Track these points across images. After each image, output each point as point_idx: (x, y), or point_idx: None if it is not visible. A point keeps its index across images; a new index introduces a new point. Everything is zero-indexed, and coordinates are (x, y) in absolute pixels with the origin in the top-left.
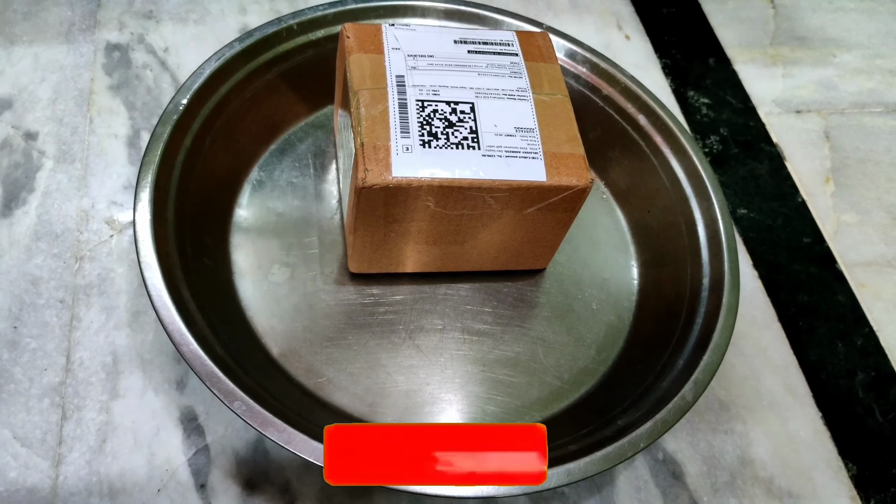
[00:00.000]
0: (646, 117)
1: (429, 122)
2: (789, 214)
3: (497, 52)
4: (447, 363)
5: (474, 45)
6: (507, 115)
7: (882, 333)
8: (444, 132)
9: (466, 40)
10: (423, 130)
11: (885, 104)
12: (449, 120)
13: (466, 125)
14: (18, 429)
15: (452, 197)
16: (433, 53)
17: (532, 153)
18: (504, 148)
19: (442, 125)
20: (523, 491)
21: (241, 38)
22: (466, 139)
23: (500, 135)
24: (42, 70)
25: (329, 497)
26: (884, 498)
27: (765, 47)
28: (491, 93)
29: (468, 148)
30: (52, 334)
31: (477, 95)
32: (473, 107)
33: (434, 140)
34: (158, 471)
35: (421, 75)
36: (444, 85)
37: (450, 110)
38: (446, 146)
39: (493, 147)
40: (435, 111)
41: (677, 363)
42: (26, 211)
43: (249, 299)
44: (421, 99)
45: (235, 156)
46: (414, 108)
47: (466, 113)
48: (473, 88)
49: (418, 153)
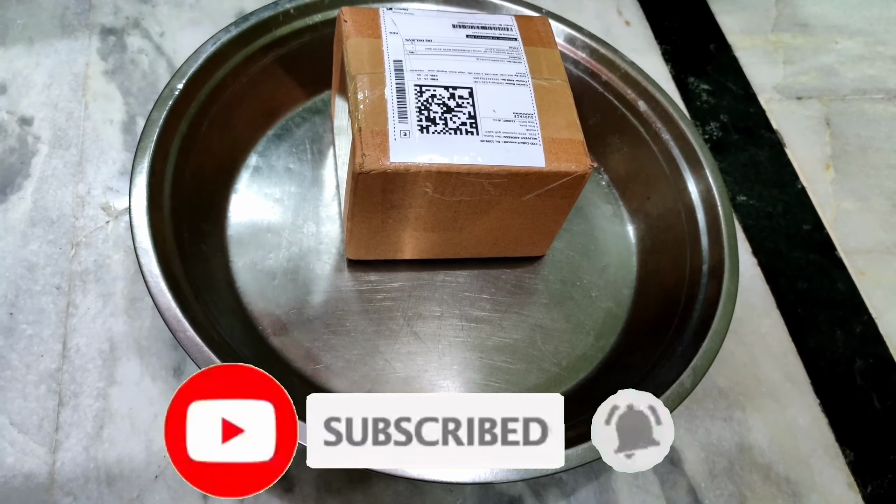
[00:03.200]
0: (645, 103)
1: (427, 107)
2: (789, 201)
3: (496, 36)
4: (445, 350)
5: (473, 29)
6: (505, 101)
7: (881, 321)
8: (443, 117)
9: (465, 24)
10: (421, 116)
11: (886, 91)
12: (447, 105)
13: (465, 110)
14: (15, 415)
15: (451, 183)
16: (431, 38)
17: (531, 139)
18: (503, 133)
19: (440, 110)
20: (521, 476)
21: (237, 23)
22: (465, 124)
23: (498, 120)
24: (37, 55)
25: (327, 483)
26: (881, 484)
27: (766, 34)
28: (490, 78)
29: (467, 133)
30: (48, 321)
31: (475, 80)
32: (472, 92)
33: (432, 125)
34: (156, 457)
35: (419, 60)
36: (442, 70)
37: (448, 95)
38: (445, 131)
39: (491, 132)
40: (433, 96)
41: (676, 350)
42: (22, 196)
43: (247, 285)
44: (419, 84)
45: (232, 141)
46: (412, 93)
47: (465, 98)
48: (472, 73)
49: (416, 138)
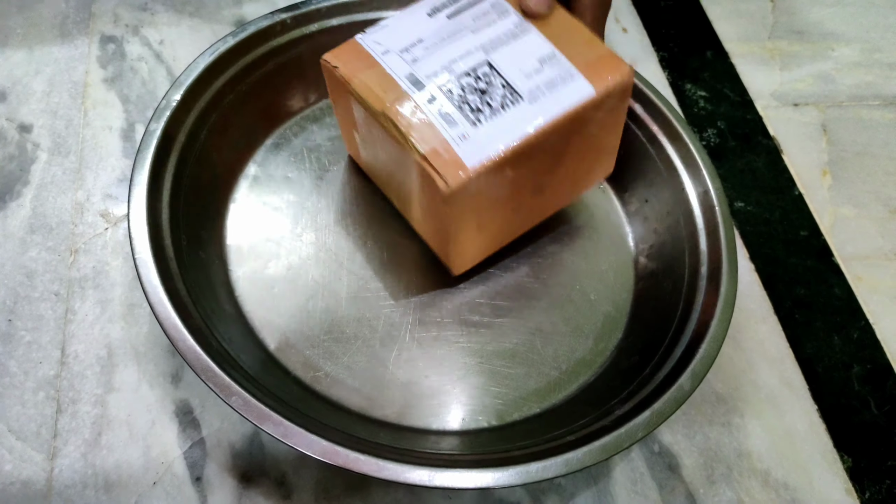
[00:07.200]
0: (643, 107)
1: (463, 100)
2: (786, 207)
3: (471, 3)
4: (445, 355)
5: (447, 8)
6: (523, 54)
7: (878, 326)
8: (484, 101)
9: (437, 8)
10: (463, 111)
11: (882, 97)
12: (479, 89)
13: (496, 83)
14: (13, 422)
15: (525, 155)
16: (420, 37)
17: (568, 74)
18: (542, 85)
19: (477, 97)
20: (520, 482)
21: (234, 33)
22: (505, 96)
23: (529, 75)
24: (36, 62)
25: (326, 490)
26: (879, 490)
27: (763, 41)
28: (495, 42)
29: (512, 104)
30: (46, 327)
31: (486, 52)
32: (490, 63)
33: (480, 114)
34: (154, 464)
35: (425, 63)
36: (452, 59)
37: (473, 80)
38: (493, 113)
39: (533, 90)
40: (463, 88)
41: (675, 354)
42: (21, 203)
43: (246, 293)
44: (442, 84)
45: (230, 150)
46: (443, 95)
47: (489, 73)
48: (479, 48)
49: (475, 134)
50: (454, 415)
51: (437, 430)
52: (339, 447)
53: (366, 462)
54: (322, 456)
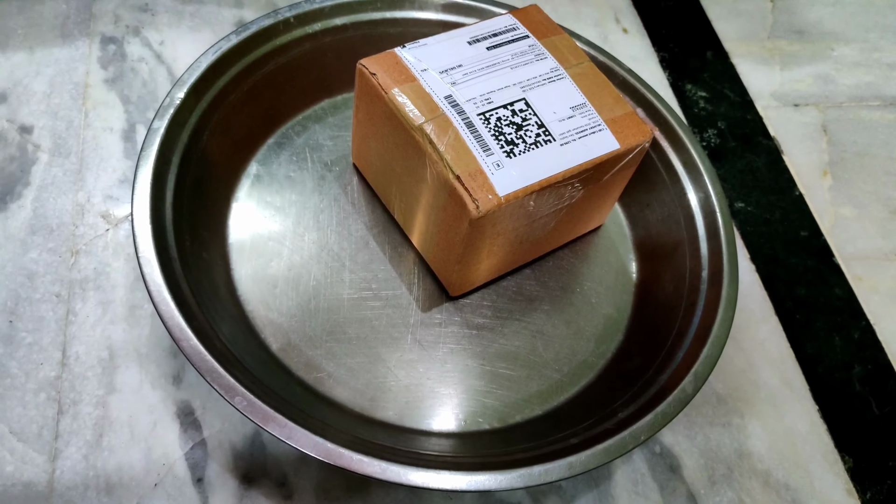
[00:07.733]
0: (644, 111)
1: (500, 131)
2: (787, 208)
3: (511, 39)
4: (447, 357)
5: (487, 40)
6: (557, 99)
7: (879, 326)
8: (519, 136)
9: (478, 38)
10: (499, 141)
11: (882, 98)
12: (515, 123)
13: (531, 122)
14: (14, 423)
15: (547, 193)
16: (461, 62)
17: (597, 126)
18: (573, 130)
19: (512, 130)
20: (523, 485)
21: (237, 31)
22: (539, 135)
23: (562, 120)
24: (37, 63)
25: (326, 491)
26: (880, 490)
27: (762, 41)
28: (532, 82)
29: (546, 143)
30: (47, 329)
31: (523, 90)
32: (527, 102)
33: (515, 147)
34: (155, 465)
35: (465, 88)
36: (490, 90)
37: (510, 113)
38: (527, 149)
39: (564, 134)
40: (499, 119)
41: (676, 356)
42: (22, 205)
43: (248, 294)
44: (481, 112)
45: (233, 150)
46: (480, 123)
47: (525, 110)
48: (516, 84)
49: (508, 165)
50: (455, 417)
51: (438, 431)
52: (344, 449)
53: (370, 464)
54: (326, 458)
